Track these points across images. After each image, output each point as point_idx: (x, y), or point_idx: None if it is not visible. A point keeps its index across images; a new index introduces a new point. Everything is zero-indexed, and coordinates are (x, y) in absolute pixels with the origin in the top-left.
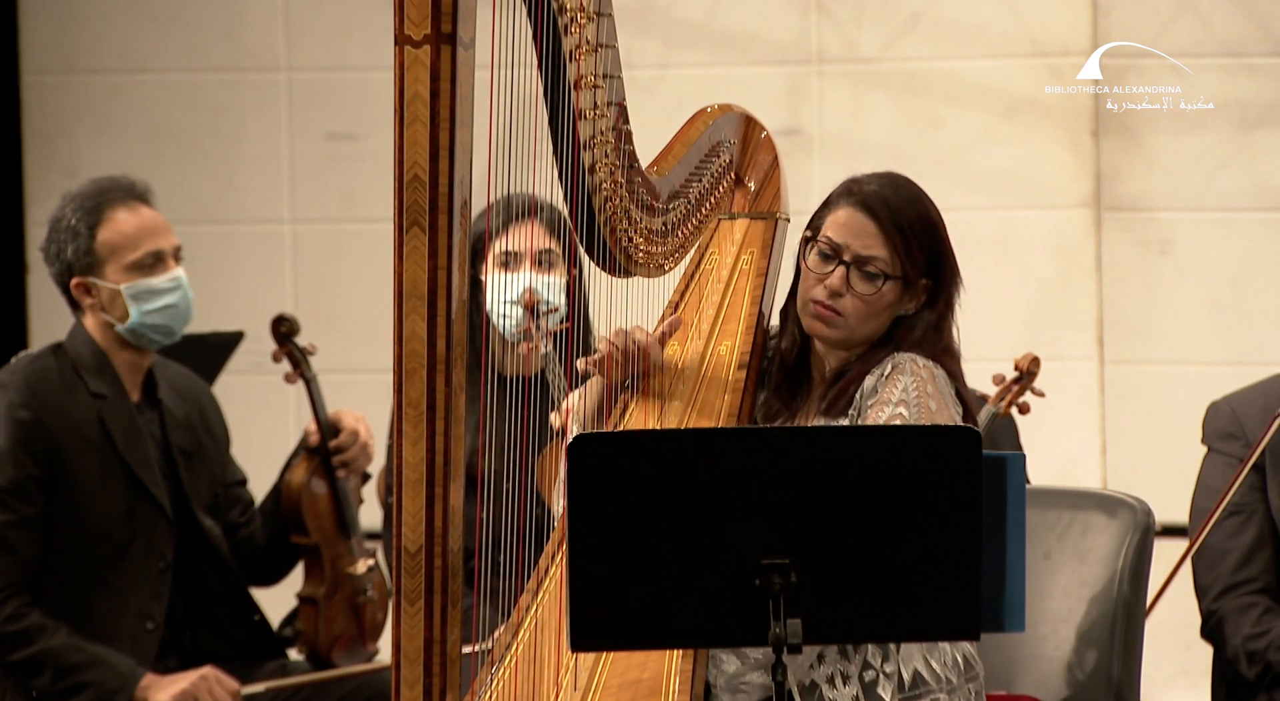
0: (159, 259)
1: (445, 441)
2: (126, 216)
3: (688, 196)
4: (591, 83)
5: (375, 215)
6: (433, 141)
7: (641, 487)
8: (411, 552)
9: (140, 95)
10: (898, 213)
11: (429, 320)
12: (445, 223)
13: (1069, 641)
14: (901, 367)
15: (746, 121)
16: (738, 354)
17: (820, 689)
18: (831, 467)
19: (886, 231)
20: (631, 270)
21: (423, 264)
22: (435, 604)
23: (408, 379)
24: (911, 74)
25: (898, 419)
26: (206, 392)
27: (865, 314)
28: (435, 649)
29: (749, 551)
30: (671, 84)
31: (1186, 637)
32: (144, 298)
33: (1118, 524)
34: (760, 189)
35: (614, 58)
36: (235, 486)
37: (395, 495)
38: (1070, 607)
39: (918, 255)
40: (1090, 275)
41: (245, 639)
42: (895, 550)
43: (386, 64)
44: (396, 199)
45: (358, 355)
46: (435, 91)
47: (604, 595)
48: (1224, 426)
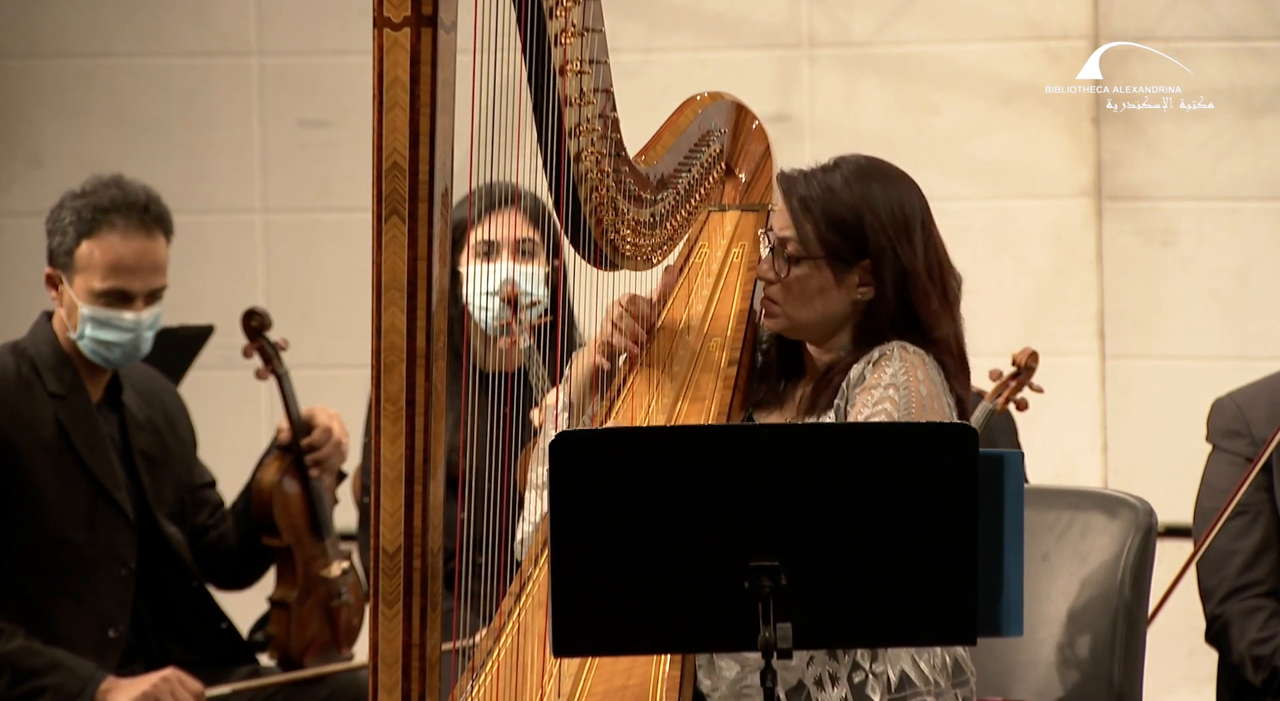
0: (124, 298)
1: (425, 438)
2: (116, 243)
3: (676, 187)
4: (577, 68)
5: (350, 205)
6: (413, 127)
7: (626, 487)
8: (390, 553)
9: (106, 80)
10: (811, 193)
11: (409, 312)
12: (425, 211)
13: (1068, 646)
14: (890, 354)
15: (738, 110)
16: (728, 350)
17: (808, 690)
18: (823, 466)
19: (794, 210)
20: (618, 263)
21: (402, 254)
22: (414, 606)
23: (386, 373)
24: (905, 58)
25: (886, 403)
26: (172, 393)
27: (795, 299)
28: (414, 653)
29: (737, 553)
30: (657, 69)
31: (1190, 642)
32: (96, 324)
33: (1119, 524)
34: (752, 180)
35: (601, 42)
36: (203, 488)
37: (373, 493)
38: (1070, 611)
39: (833, 234)
40: (1090, 267)
41: (213, 646)
42: (889, 552)
43: (362, 48)
44: (375, 187)
45: (331, 350)
46: (415, 76)
47: (587, 598)
48: (1229, 424)
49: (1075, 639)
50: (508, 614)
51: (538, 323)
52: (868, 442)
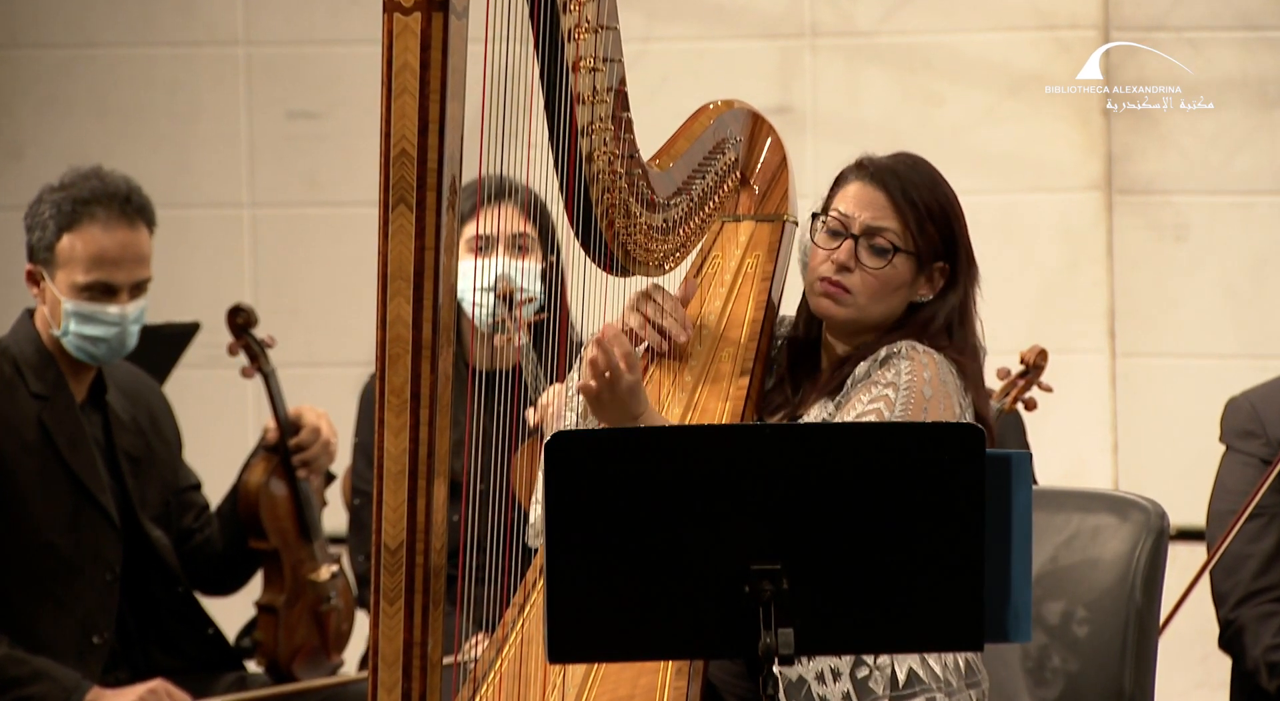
0: (108, 291)
1: (430, 432)
2: (98, 236)
3: (690, 194)
4: (591, 65)
5: (339, 198)
6: (422, 114)
7: (624, 488)
8: (392, 549)
9: (89, 71)
10: (910, 185)
11: (415, 303)
12: (434, 200)
13: (1078, 652)
14: (899, 353)
15: (754, 119)
16: (740, 361)
17: (809, 685)
18: (826, 467)
19: (897, 203)
20: (630, 268)
21: (409, 244)
22: (416, 604)
23: (391, 365)
24: (910, 48)
25: (881, 402)
26: (157, 393)
27: (875, 291)
28: (415, 651)
29: (738, 556)
30: (655, 59)
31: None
32: (80, 319)
33: (1130, 527)
34: (767, 190)
35: (615, 40)
36: (188, 491)
37: (375, 488)
38: (1079, 616)
39: (931, 231)
40: (1101, 262)
41: (199, 652)
42: (893, 555)
43: (352, 37)
44: (382, 175)
45: (320, 348)
46: (425, 61)
47: (584, 603)
48: (1243, 423)
49: (1085, 645)
50: (511, 624)
51: (533, 320)
52: (872, 442)
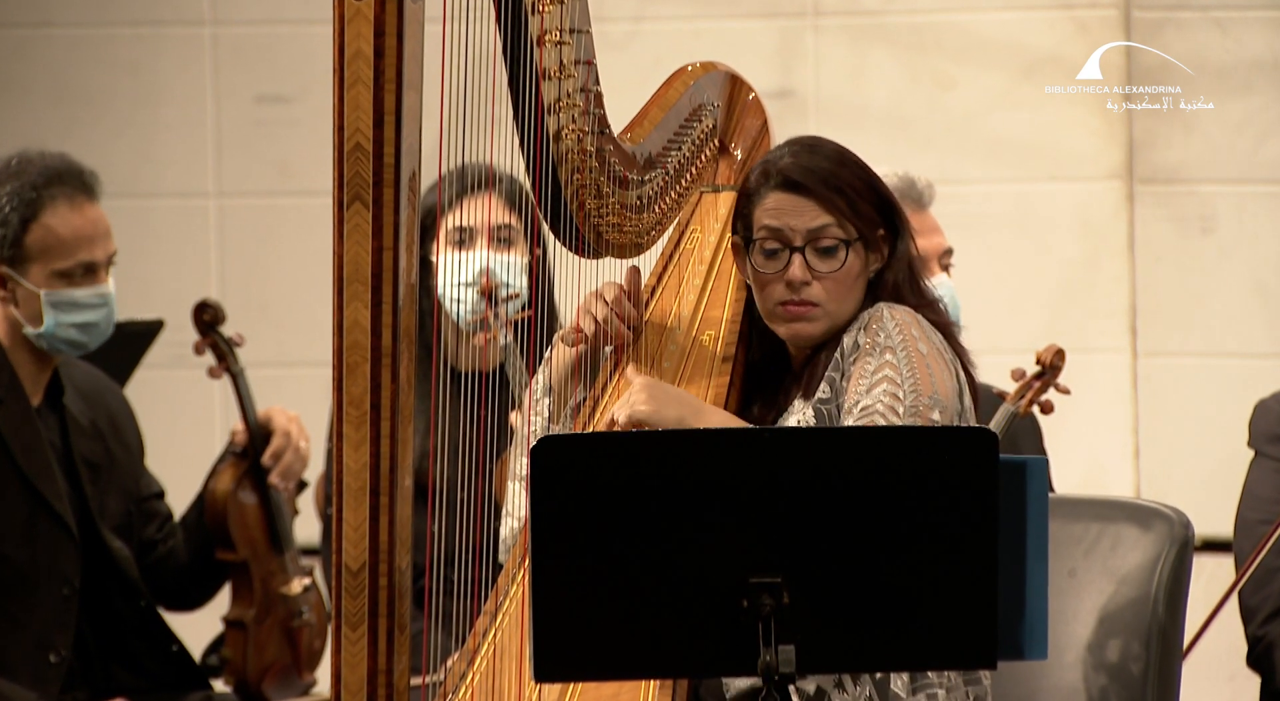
0: (90, 270)
1: (391, 445)
2: (68, 216)
3: (665, 166)
4: (556, 38)
5: (311, 188)
6: (377, 105)
7: (614, 495)
8: (354, 570)
9: (46, 52)
10: (826, 174)
11: (373, 307)
12: (391, 197)
13: (1097, 670)
14: (879, 315)
15: (732, 81)
16: (722, 344)
17: (829, 695)
18: (829, 473)
19: (823, 197)
20: (602, 250)
21: (366, 244)
22: (380, 628)
23: (349, 374)
24: (919, 28)
25: (887, 369)
26: (117, 396)
27: (840, 292)
28: (380, 679)
29: (736, 568)
30: (647, 40)
31: (1231, 666)
32: (64, 308)
33: (1152, 537)
34: (748, 157)
35: (582, 10)
36: (151, 499)
37: (335, 506)
38: (1099, 632)
39: (864, 208)
40: (1121, 256)
41: (163, 671)
42: (900, 567)
43: (325, 17)
44: (336, 170)
45: (291, 346)
46: (380, 49)
47: (572, 618)
48: (1273, 427)
49: (1104, 662)
50: (483, 634)
51: (517, 317)
52: (877, 447)
